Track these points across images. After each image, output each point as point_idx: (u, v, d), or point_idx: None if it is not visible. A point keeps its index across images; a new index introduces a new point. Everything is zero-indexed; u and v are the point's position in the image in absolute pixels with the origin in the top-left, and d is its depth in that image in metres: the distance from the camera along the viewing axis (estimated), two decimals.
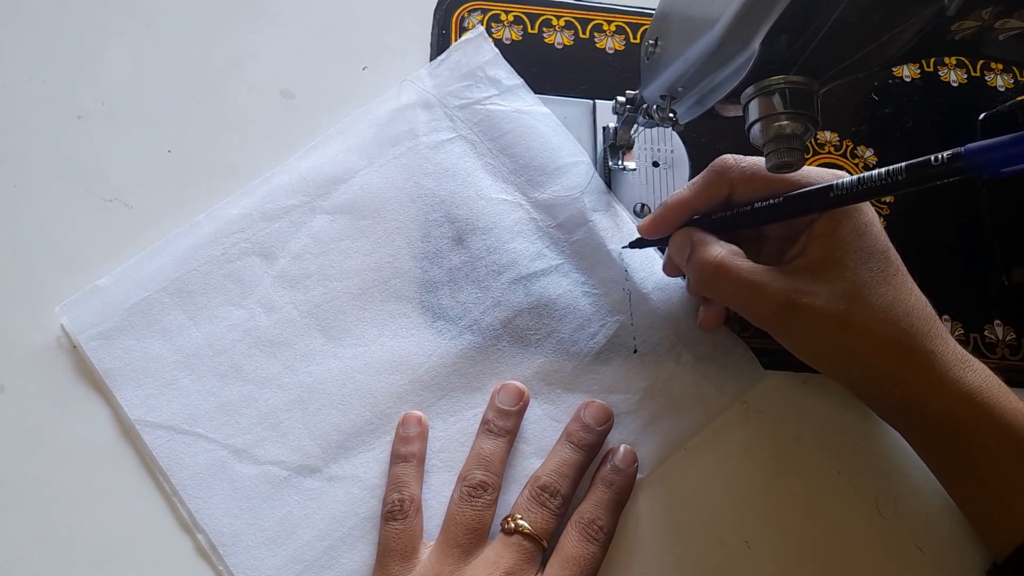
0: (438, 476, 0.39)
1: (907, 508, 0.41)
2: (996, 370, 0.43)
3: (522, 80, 0.46)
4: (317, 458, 0.38)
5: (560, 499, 0.37)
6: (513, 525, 0.35)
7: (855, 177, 0.34)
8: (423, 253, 0.42)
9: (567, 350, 0.41)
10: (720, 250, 0.37)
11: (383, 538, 0.36)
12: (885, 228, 0.38)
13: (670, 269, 0.41)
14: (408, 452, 0.38)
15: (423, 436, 0.39)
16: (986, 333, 0.45)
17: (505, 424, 0.39)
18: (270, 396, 0.39)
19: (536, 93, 0.47)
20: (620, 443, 0.39)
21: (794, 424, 0.42)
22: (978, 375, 0.36)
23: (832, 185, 0.35)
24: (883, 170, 0.33)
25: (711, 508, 0.40)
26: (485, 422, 0.39)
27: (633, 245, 0.42)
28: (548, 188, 0.43)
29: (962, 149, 0.31)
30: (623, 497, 0.38)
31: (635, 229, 0.43)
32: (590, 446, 0.38)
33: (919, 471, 0.40)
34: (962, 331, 0.45)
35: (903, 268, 0.37)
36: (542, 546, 0.36)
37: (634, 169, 0.46)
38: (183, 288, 0.40)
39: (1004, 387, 0.36)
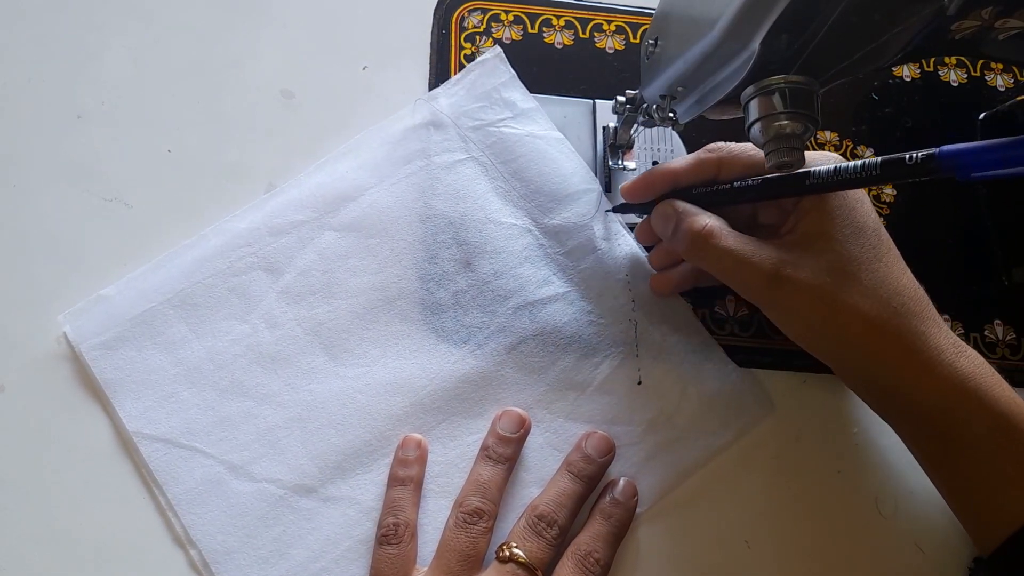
0: (435, 501, 0.38)
1: (907, 508, 0.41)
2: (997, 370, 0.44)
3: (536, 103, 0.45)
4: (314, 478, 0.38)
5: (557, 529, 0.36)
6: (508, 553, 0.35)
7: (831, 167, 0.35)
8: (430, 275, 0.42)
9: (571, 379, 0.41)
10: (709, 219, 0.37)
11: (376, 562, 0.36)
12: (886, 228, 0.38)
13: (644, 236, 0.42)
14: (406, 476, 0.38)
15: (422, 460, 0.38)
16: (986, 333, 0.45)
17: (505, 451, 0.38)
18: (269, 413, 0.39)
19: (536, 93, 0.47)
20: (621, 476, 0.39)
21: (794, 424, 0.42)
22: (970, 361, 0.35)
23: (809, 172, 0.35)
24: (859, 163, 0.34)
25: (711, 508, 0.40)
26: (485, 448, 0.39)
27: (616, 209, 0.43)
28: (558, 214, 0.43)
29: (936, 151, 0.31)
30: (622, 531, 0.37)
31: (642, 255, 0.43)
32: (590, 477, 0.38)
33: (919, 471, 0.40)
34: (962, 331, 0.45)
35: (894, 248, 0.37)
36: None
37: (634, 169, 0.46)
38: (187, 301, 0.40)
39: (997, 375, 0.36)
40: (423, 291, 0.41)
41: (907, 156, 0.32)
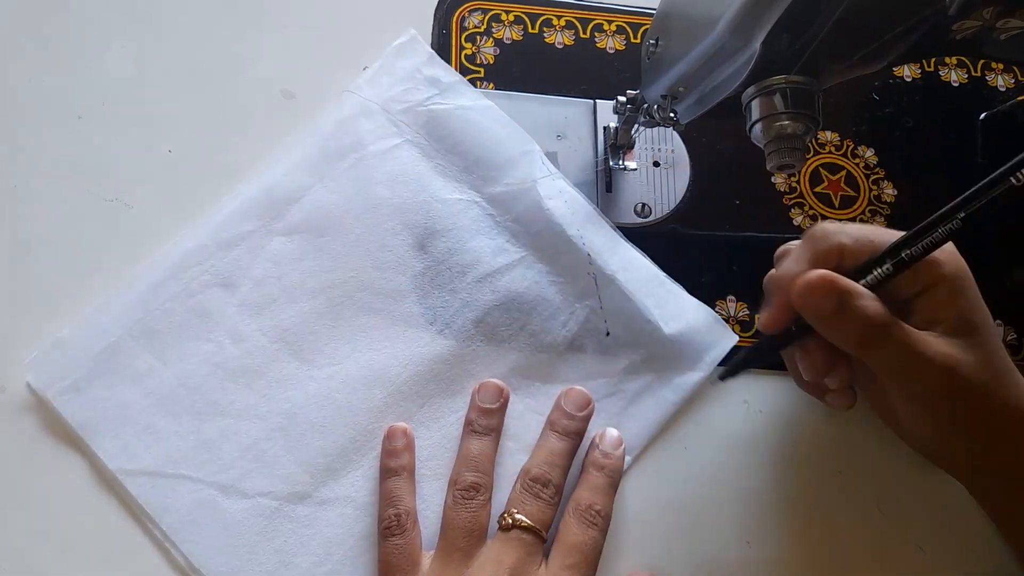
0: (429, 484, 0.38)
1: (907, 508, 0.41)
2: None
3: (461, 76, 0.45)
4: (306, 484, 0.38)
5: (553, 488, 0.37)
6: (510, 520, 0.35)
7: (950, 209, 0.32)
8: (385, 263, 0.41)
9: (541, 341, 0.41)
10: (878, 305, 0.32)
11: (384, 555, 0.36)
12: (886, 228, 0.38)
13: (772, 325, 0.36)
14: (398, 465, 0.38)
15: (410, 447, 0.38)
16: None
17: (489, 422, 0.39)
18: (250, 427, 0.38)
19: (536, 93, 0.47)
20: (605, 426, 0.39)
21: (794, 424, 0.42)
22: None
23: (933, 226, 0.32)
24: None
25: (711, 508, 0.40)
26: (469, 423, 0.39)
27: (730, 373, 0.37)
28: (501, 182, 0.43)
29: None
30: (616, 479, 0.38)
31: (590, 209, 0.42)
32: (575, 432, 0.39)
33: (919, 471, 0.40)
34: None
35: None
36: (542, 537, 0.36)
37: (635, 169, 0.46)
38: (148, 329, 0.39)
39: None
40: (381, 280, 0.41)
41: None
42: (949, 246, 0.34)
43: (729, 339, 0.42)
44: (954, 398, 0.33)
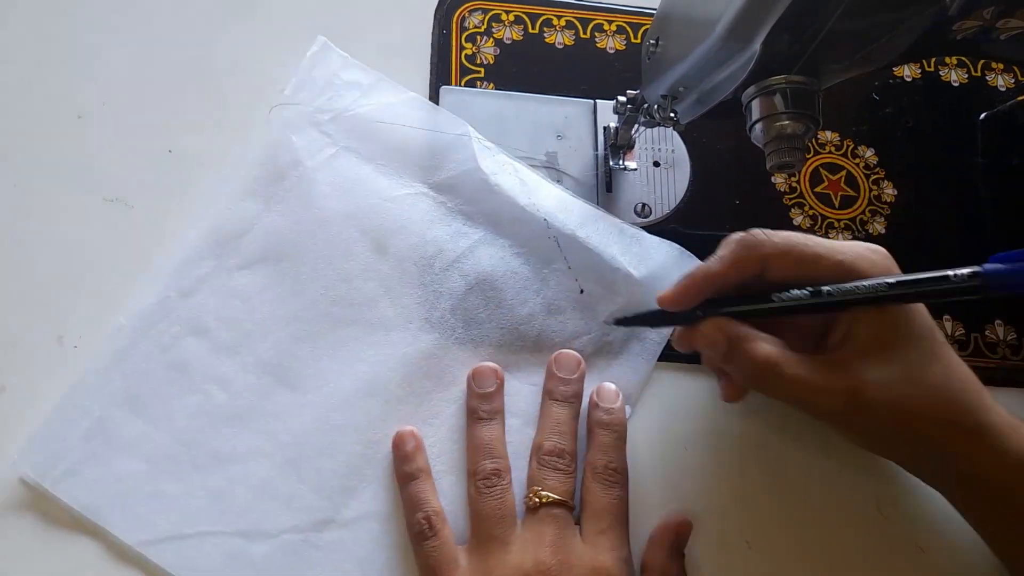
0: (447, 479, 0.38)
1: (907, 508, 0.41)
2: (997, 369, 0.44)
3: (380, 74, 0.45)
4: (326, 509, 0.37)
5: (568, 457, 0.37)
6: (537, 499, 0.36)
7: (907, 278, 0.33)
8: (351, 273, 0.41)
9: (519, 314, 0.41)
10: (768, 348, 0.34)
11: (422, 559, 0.36)
12: (886, 228, 0.38)
13: (684, 344, 0.38)
14: (414, 469, 0.38)
15: (421, 448, 0.38)
16: (987, 333, 0.45)
17: (491, 407, 0.39)
18: (257, 468, 0.38)
19: (537, 93, 0.47)
20: (599, 383, 0.40)
21: (794, 424, 0.42)
22: None
23: (879, 287, 0.33)
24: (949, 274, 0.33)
25: (711, 508, 0.40)
26: (471, 411, 0.39)
27: (623, 322, 0.39)
28: (443, 169, 0.43)
29: (982, 269, 0.31)
30: (622, 432, 0.38)
31: (535, 176, 0.43)
32: (574, 396, 0.39)
33: None
34: (963, 331, 0.45)
35: (947, 343, 0.36)
36: (571, 507, 0.36)
37: (635, 169, 0.46)
38: (130, 396, 0.38)
39: None
40: (351, 291, 0.41)
41: (952, 274, 0.32)
42: (880, 251, 0.35)
43: (690, 260, 0.43)
44: (867, 418, 0.34)
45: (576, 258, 0.42)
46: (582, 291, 0.42)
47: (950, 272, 0.32)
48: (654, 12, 0.38)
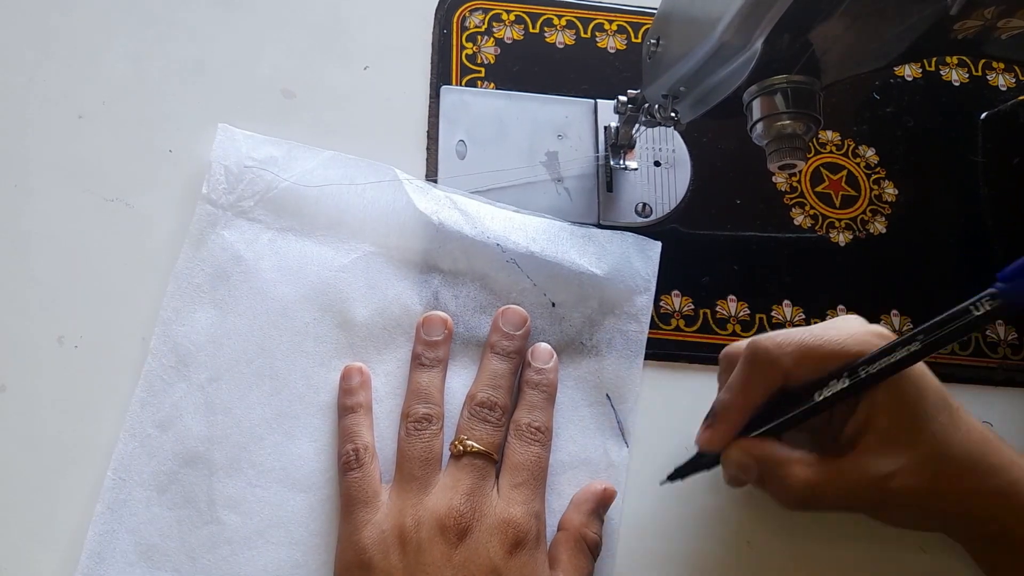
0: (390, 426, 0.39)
1: None
2: (997, 369, 0.44)
3: (290, 141, 0.43)
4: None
5: (499, 411, 0.37)
6: (462, 447, 0.36)
7: (932, 323, 0.33)
8: (326, 355, 0.40)
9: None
10: (803, 470, 0.34)
11: (344, 489, 0.37)
12: (886, 228, 0.38)
13: (735, 482, 0.37)
14: (354, 403, 0.38)
15: (366, 385, 0.39)
16: (988, 333, 0.45)
17: (435, 354, 0.39)
18: None
19: (537, 92, 0.47)
20: (535, 344, 0.40)
21: None
22: None
23: (911, 343, 0.33)
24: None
25: (711, 508, 0.40)
26: (415, 356, 0.39)
27: (676, 476, 0.38)
28: (384, 221, 0.42)
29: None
30: (551, 392, 0.39)
31: (473, 202, 0.42)
32: (515, 352, 0.39)
33: None
34: None
35: (960, 406, 0.35)
36: (493, 460, 0.36)
37: (636, 168, 0.46)
38: (143, 550, 0.36)
39: None
40: (332, 373, 0.40)
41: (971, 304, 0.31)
42: (875, 329, 0.35)
43: (654, 246, 0.43)
44: (898, 505, 0.35)
45: (539, 274, 0.42)
46: (553, 304, 0.42)
47: (968, 304, 0.32)
48: (655, 12, 0.38)
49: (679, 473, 0.38)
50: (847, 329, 0.35)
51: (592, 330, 0.42)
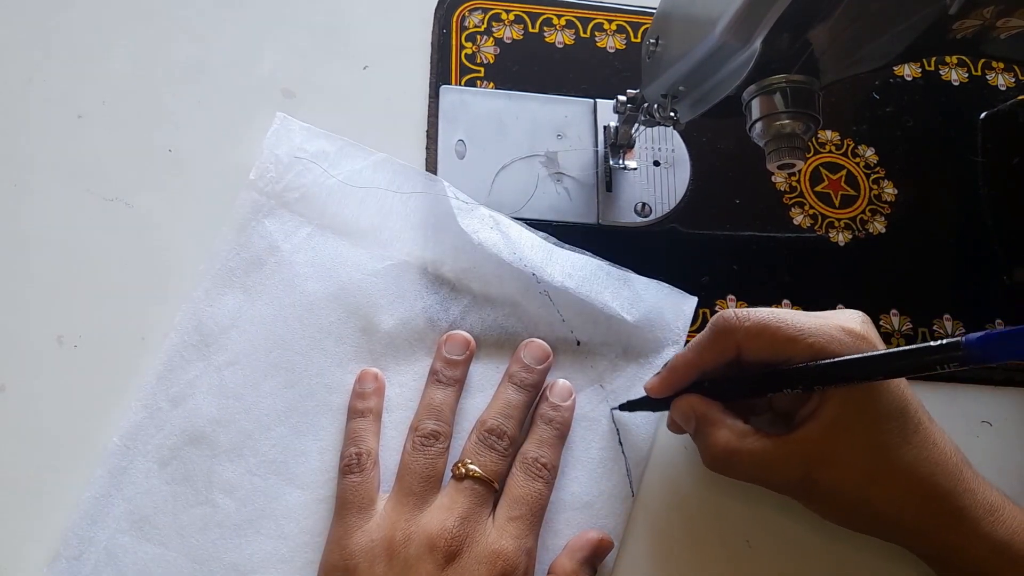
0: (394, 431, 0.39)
1: None
2: (996, 369, 0.44)
3: (345, 139, 0.43)
4: None
5: (507, 440, 0.37)
6: (464, 470, 0.36)
7: (878, 353, 0.33)
8: (345, 357, 0.40)
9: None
10: (726, 434, 0.36)
11: (340, 491, 0.36)
12: (886, 228, 0.38)
13: (674, 427, 0.39)
14: (365, 407, 0.38)
15: (379, 392, 0.39)
16: None
17: (453, 373, 0.39)
18: (277, 575, 0.36)
19: (536, 92, 0.47)
20: (554, 380, 0.40)
21: None
22: (1007, 526, 0.35)
23: (856, 361, 0.33)
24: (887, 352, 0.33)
25: (711, 507, 0.40)
26: (433, 372, 0.39)
27: (626, 407, 0.40)
28: (425, 232, 0.42)
29: (963, 339, 0.30)
30: (564, 431, 0.39)
31: (516, 226, 0.42)
32: (532, 385, 0.39)
33: None
34: (963, 330, 0.45)
35: (924, 421, 0.35)
36: (493, 488, 0.36)
37: (635, 168, 0.46)
38: (137, 518, 0.36)
39: None
40: (347, 376, 0.39)
41: (933, 343, 0.31)
42: (852, 330, 0.35)
43: (689, 301, 0.43)
44: (821, 499, 0.36)
45: (569, 310, 0.41)
46: (579, 343, 0.41)
47: (933, 345, 0.31)
48: (654, 11, 0.38)
49: (630, 406, 0.40)
50: (822, 321, 0.35)
51: (614, 375, 0.41)
